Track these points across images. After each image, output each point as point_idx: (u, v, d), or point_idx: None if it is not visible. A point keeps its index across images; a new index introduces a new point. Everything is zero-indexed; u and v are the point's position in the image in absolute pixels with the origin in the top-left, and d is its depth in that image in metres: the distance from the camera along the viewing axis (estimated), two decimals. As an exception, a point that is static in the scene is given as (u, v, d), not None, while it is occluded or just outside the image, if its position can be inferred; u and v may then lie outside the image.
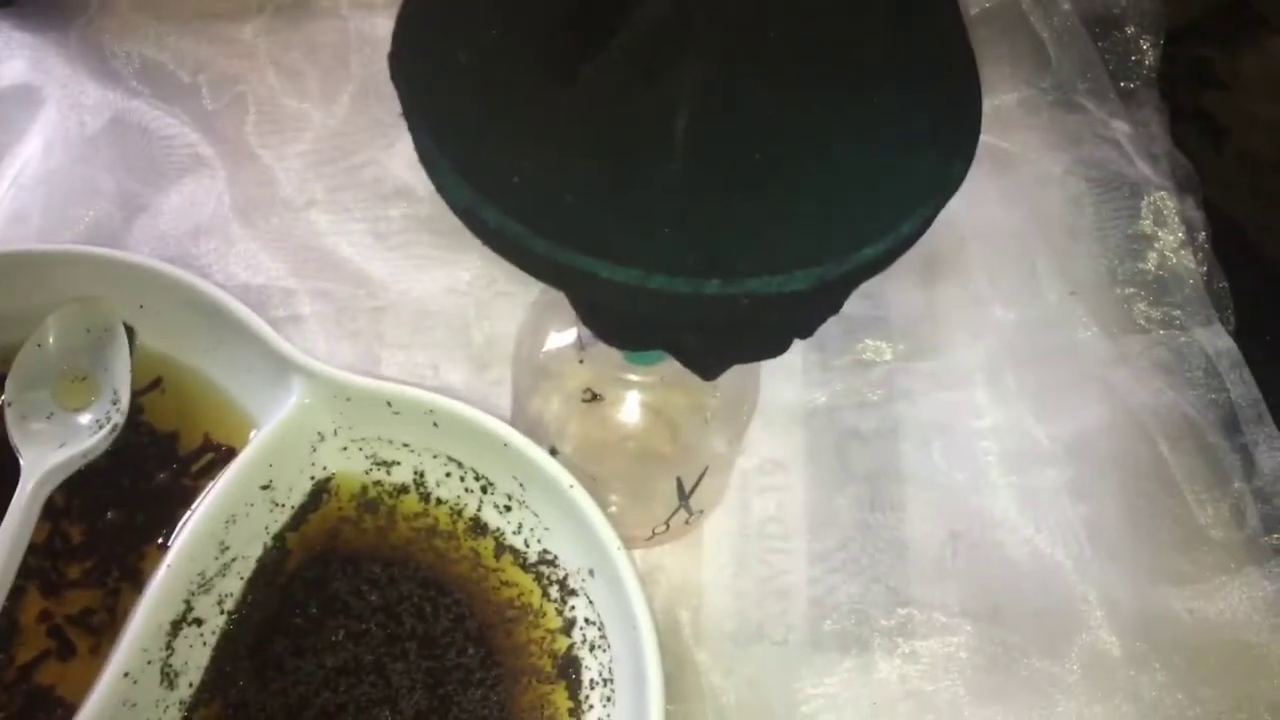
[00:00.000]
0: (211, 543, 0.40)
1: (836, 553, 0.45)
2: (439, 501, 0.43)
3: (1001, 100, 0.58)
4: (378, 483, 0.43)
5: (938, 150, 0.26)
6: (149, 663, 0.37)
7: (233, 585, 0.41)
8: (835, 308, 0.30)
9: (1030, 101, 0.57)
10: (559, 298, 0.42)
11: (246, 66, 0.56)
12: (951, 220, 0.27)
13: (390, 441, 0.43)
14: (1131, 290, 0.52)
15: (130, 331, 0.45)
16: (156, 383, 0.45)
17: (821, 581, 0.44)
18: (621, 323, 0.30)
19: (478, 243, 0.51)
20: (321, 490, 0.43)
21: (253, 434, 0.43)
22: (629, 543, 0.43)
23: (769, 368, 0.47)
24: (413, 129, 0.26)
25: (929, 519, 0.46)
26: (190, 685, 0.39)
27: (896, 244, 0.25)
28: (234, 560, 0.40)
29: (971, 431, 0.48)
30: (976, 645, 0.43)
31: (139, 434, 0.44)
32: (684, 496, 0.41)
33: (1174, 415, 0.48)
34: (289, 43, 0.56)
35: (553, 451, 0.40)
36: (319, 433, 0.42)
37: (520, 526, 0.42)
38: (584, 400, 0.40)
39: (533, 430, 0.41)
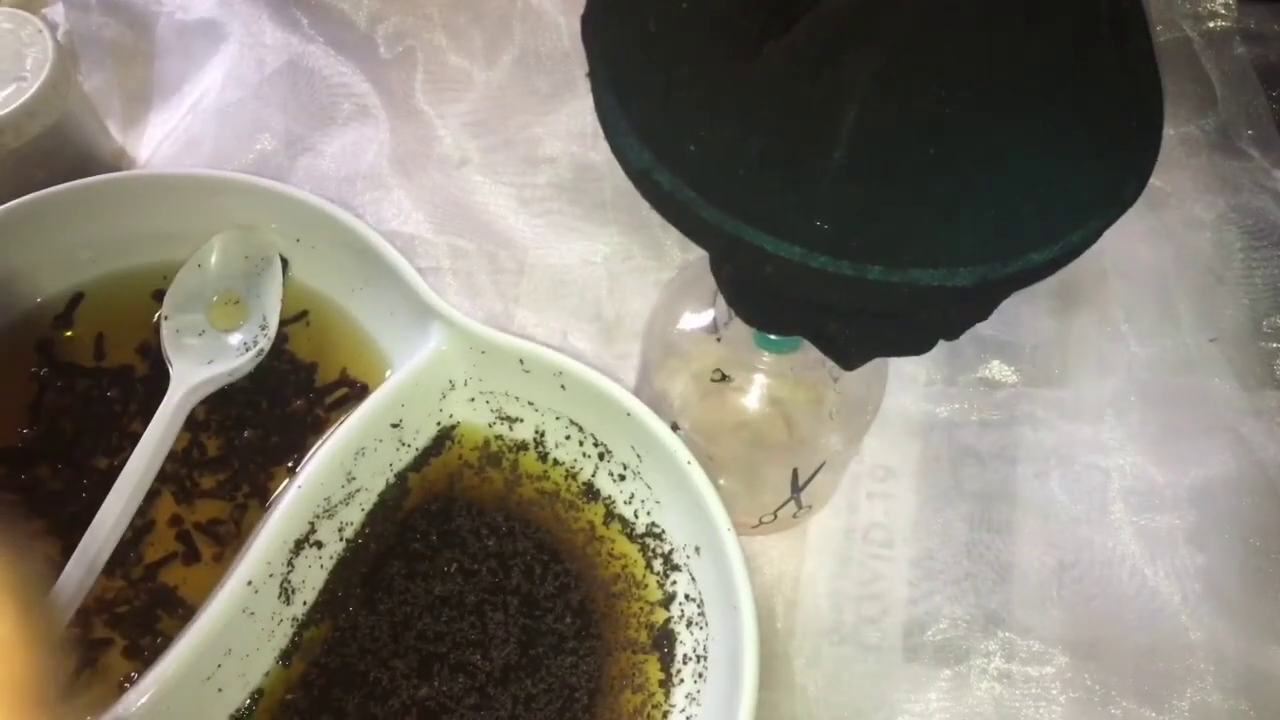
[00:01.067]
0: (339, 471, 0.41)
1: (940, 567, 0.45)
2: (556, 462, 0.44)
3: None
4: (499, 436, 0.44)
5: (1113, 167, 0.26)
6: (270, 575, 0.39)
7: (354, 515, 0.42)
8: (985, 313, 0.30)
9: (1191, 140, 0.56)
10: (696, 279, 0.43)
11: (419, 24, 0.58)
12: (1094, 251, 0.27)
13: (517, 398, 0.44)
14: (1276, 345, 0.51)
15: (285, 263, 0.47)
16: (303, 315, 0.47)
17: (921, 593, 0.44)
18: (769, 304, 0.30)
19: (616, 217, 0.52)
20: (446, 436, 0.44)
21: (388, 373, 0.45)
22: (735, 528, 0.44)
23: (893, 376, 0.47)
24: (597, 90, 0.27)
25: (1038, 546, 0.45)
26: (304, 604, 0.41)
27: (1063, 253, 0.25)
28: (358, 491, 0.42)
29: (1092, 465, 0.47)
30: (1073, 678, 0.42)
31: (281, 361, 0.46)
32: (797, 488, 0.41)
33: (1305, 475, 0.47)
34: (459, 5, 0.58)
35: (674, 427, 0.40)
36: (450, 380, 0.44)
37: (632, 497, 0.42)
38: (712, 380, 0.41)
39: (656, 405, 0.42)
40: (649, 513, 0.42)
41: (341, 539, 0.42)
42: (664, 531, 0.42)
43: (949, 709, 0.42)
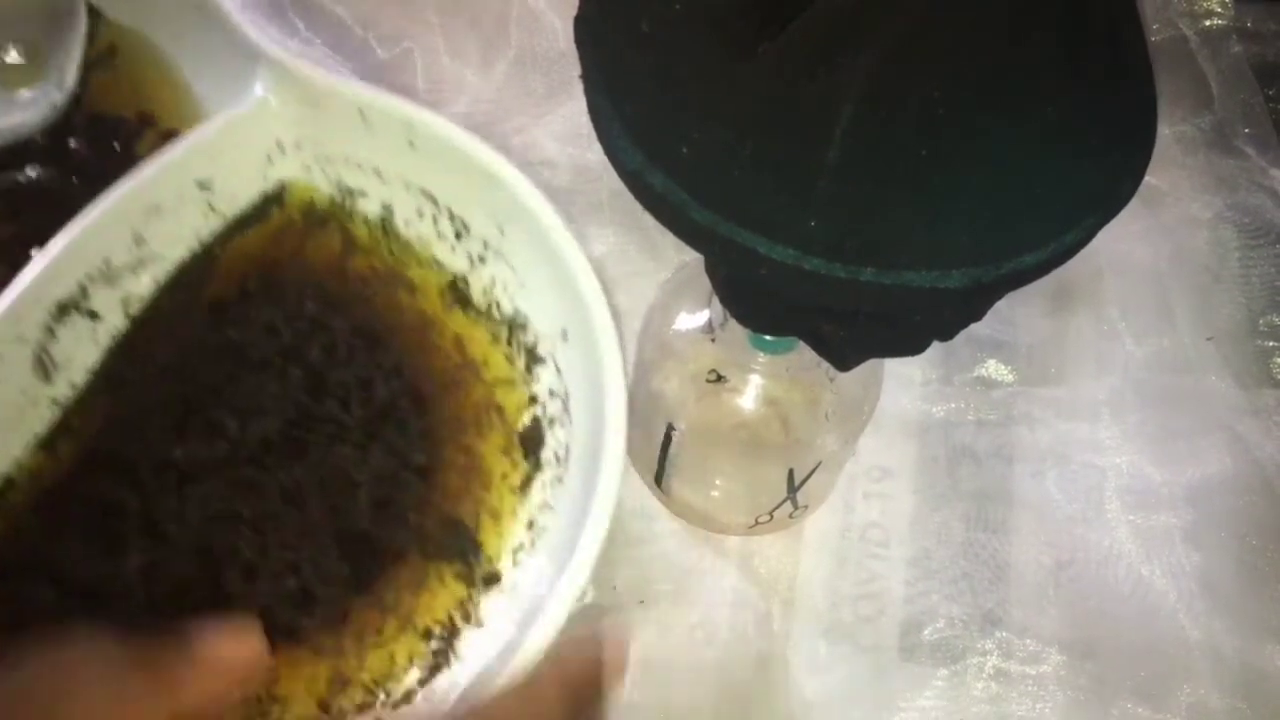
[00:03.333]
0: (123, 228, 0.34)
1: (936, 566, 0.45)
2: (402, 241, 0.38)
3: (1157, 134, 0.56)
4: (338, 209, 0.38)
5: (1107, 166, 0.26)
6: (20, 339, 0.33)
7: (144, 287, 0.35)
8: (979, 314, 0.30)
9: (1187, 138, 0.56)
10: (691, 279, 0.43)
11: (415, 26, 0.58)
12: (1089, 251, 0.27)
13: (359, 165, 0.37)
14: (1273, 343, 0.51)
15: (93, 10, 0.41)
16: (111, 53, 0.41)
17: (918, 593, 0.44)
18: (763, 305, 0.30)
19: (612, 218, 0.52)
20: (271, 204, 0.37)
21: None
22: (729, 529, 0.44)
23: (889, 376, 0.47)
24: (590, 91, 0.27)
25: (1035, 546, 0.45)
26: (71, 385, 0.34)
27: (1056, 254, 0.25)
28: (150, 259, 0.35)
29: (1089, 464, 0.47)
30: (1070, 677, 0.42)
31: (82, 111, 0.41)
32: (793, 489, 0.41)
33: (1302, 474, 0.47)
34: (456, 7, 0.58)
35: (670, 428, 0.40)
36: (279, 141, 0.37)
37: (492, 281, 0.37)
38: (708, 381, 0.41)
39: (651, 406, 0.42)
40: (511, 299, 0.36)
41: (127, 315, 0.35)
42: (528, 320, 0.36)
43: (946, 708, 0.42)
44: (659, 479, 0.43)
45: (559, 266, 0.34)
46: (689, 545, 0.44)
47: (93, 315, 0.34)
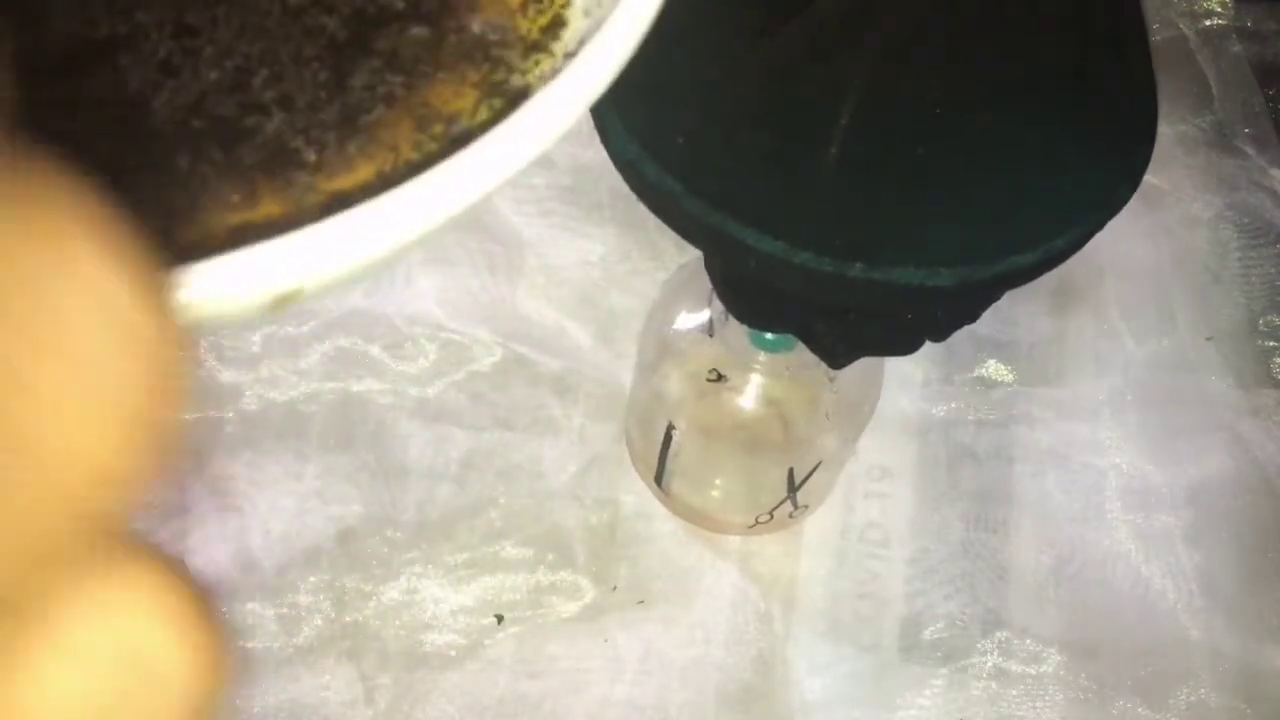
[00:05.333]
0: None
1: (936, 566, 0.45)
2: None
3: (1158, 133, 0.56)
4: None
5: (1104, 170, 0.26)
6: None
7: None
8: (973, 315, 0.30)
9: (1188, 138, 0.56)
10: (692, 279, 0.43)
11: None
12: (1090, 251, 0.27)
13: None
14: (1273, 343, 0.51)
15: None
16: None
17: (919, 593, 0.44)
18: (759, 300, 0.30)
19: (613, 217, 0.52)
20: None
21: None
22: (729, 529, 0.44)
23: (889, 375, 0.47)
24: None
25: (1035, 545, 0.45)
26: None
27: (1048, 256, 0.25)
28: None
29: (1089, 464, 0.47)
30: (1070, 677, 0.42)
31: None
32: (793, 488, 0.41)
33: (1303, 474, 0.47)
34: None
35: (670, 428, 0.40)
36: None
37: None
38: (708, 380, 0.41)
39: (651, 405, 0.42)
40: None
41: None
42: None
43: (946, 708, 0.42)
44: (659, 479, 0.43)
45: None
46: (689, 545, 0.44)
47: None
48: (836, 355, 0.31)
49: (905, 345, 0.30)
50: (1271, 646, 0.43)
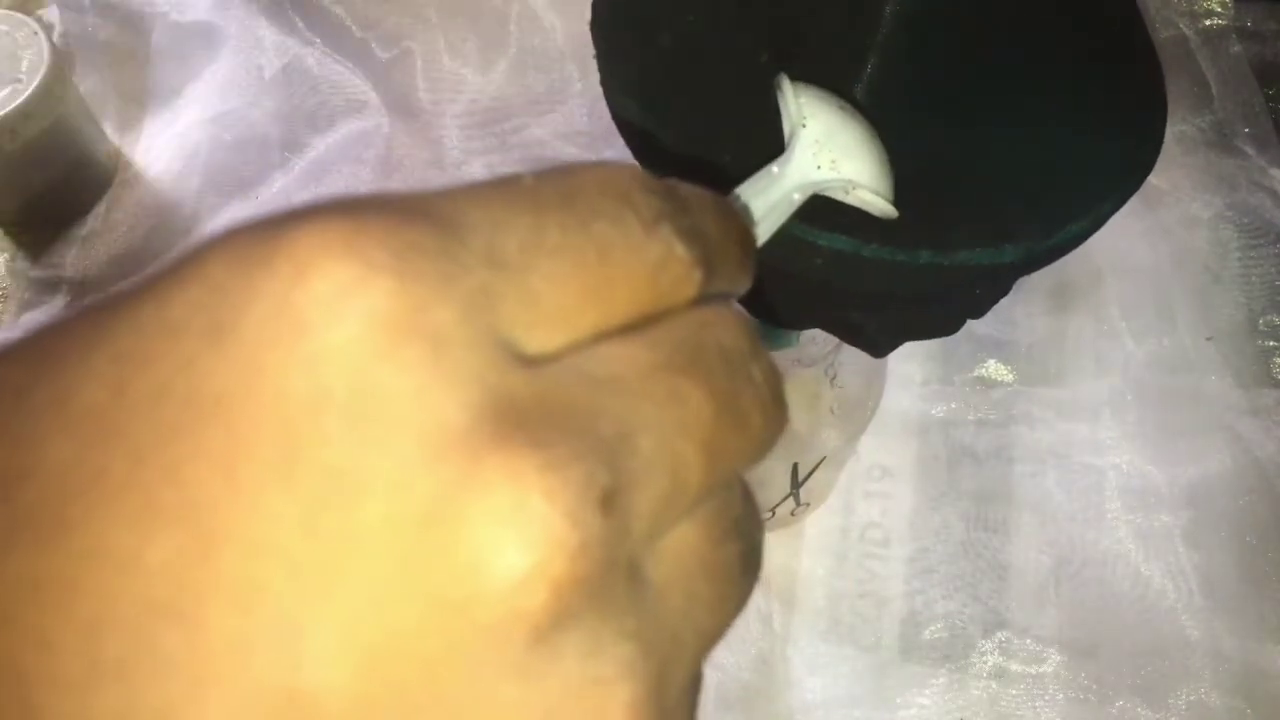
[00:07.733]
0: None
1: (936, 566, 0.45)
2: None
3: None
4: None
5: (1129, 134, 0.27)
6: None
7: None
8: (1007, 289, 0.30)
9: (1187, 138, 0.56)
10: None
11: (416, 26, 0.58)
12: (1088, 250, 0.27)
13: None
14: (1273, 343, 0.51)
15: None
16: None
17: (919, 593, 0.44)
18: (792, 298, 0.30)
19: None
20: None
21: None
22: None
23: (889, 376, 0.47)
24: (610, 96, 0.27)
25: (1035, 545, 0.45)
26: None
27: (1097, 222, 0.25)
28: None
29: (1089, 464, 0.47)
30: (1070, 677, 0.42)
31: None
32: (796, 484, 0.41)
33: (1302, 473, 0.47)
34: (456, 7, 0.58)
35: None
36: None
37: None
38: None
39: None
40: None
41: None
42: None
43: (946, 708, 0.42)
44: (659, 478, 0.43)
45: None
46: (689, 545, 0.44)
47: None
48: (878, 345, 0.31)
49: (948, 326, 0.30)
50: (1271, 646, 0.43)
